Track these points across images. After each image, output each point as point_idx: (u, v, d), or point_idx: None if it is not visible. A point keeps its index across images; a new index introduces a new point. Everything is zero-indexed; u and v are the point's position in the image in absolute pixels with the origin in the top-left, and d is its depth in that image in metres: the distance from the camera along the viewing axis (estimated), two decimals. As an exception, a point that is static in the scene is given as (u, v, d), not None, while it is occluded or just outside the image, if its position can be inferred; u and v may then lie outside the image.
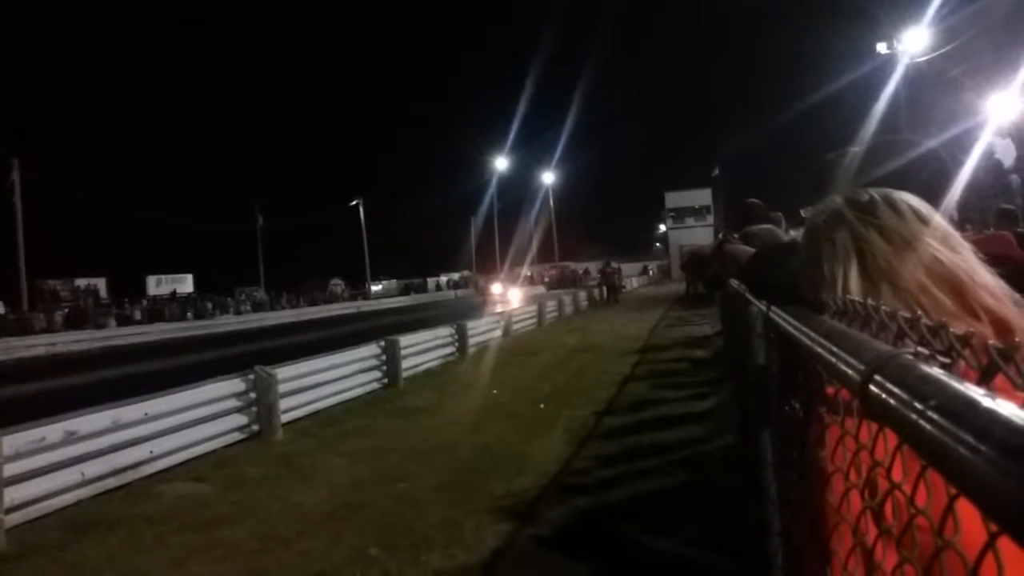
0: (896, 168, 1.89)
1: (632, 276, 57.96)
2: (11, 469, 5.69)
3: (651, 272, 74.77)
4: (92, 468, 6.45)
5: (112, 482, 6.62)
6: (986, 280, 1.09)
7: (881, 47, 29.23)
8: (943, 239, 1.14)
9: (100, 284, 49.94)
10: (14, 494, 5.69)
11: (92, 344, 29.91)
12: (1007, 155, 24.13)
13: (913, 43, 27.71)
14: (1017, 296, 1.08)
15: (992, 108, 23.36)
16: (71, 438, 6.28)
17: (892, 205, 1.20)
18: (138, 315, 42.44)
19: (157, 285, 53.19)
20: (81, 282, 48.53)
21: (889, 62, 28.52)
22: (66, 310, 39.81)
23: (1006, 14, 24.27)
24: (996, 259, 1.14)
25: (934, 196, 1.44)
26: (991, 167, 23.60)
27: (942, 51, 26.26)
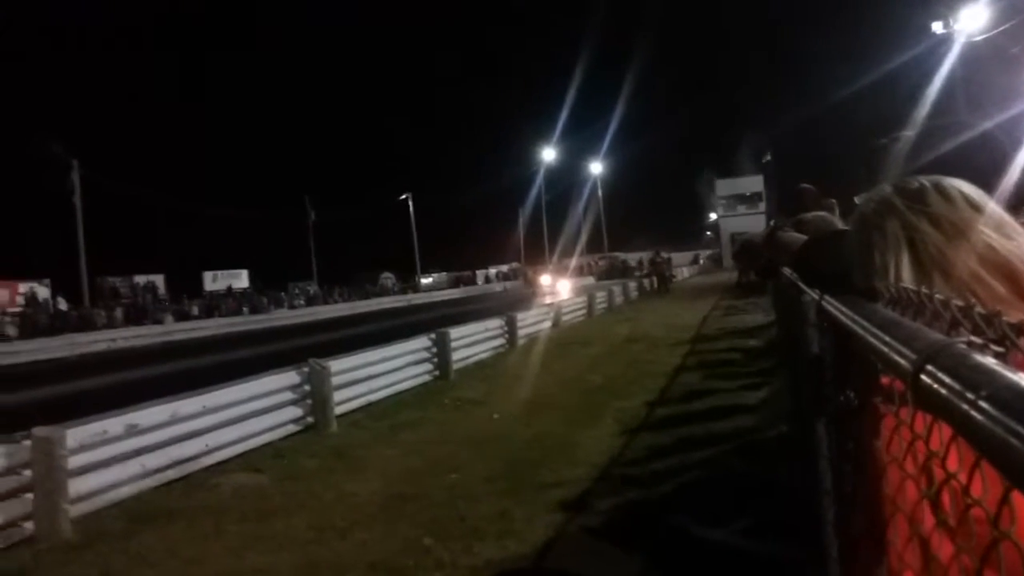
0: (949, 152, 1.85)
1: (683, 266, 57.37)
2: (75, 461, 5.86)
3: (701, 261, 73.99)
4: (152, 460, 6.61)
5: (172, 474, 6.78)
6: None
7: (936, 26, 28.49)
8: (997, 225, 1.11)
9: (158, 281, 51.05)
10: (79, 485, 5.86)
11: (151, 339, 30.53)
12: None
13: (970, 21, 26.94)
14: None
15: (1056, 86, 22.59)
16: (132, 431, 6.44)
17: (942, 192, 1.18)
18: (195, 310, 43.28)
19: (213, 281, 54.22)
20: (140, 279, 49.66)
21: (945, 41, 27.78)
22: (125, 306, 40.75)
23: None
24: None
25: (989, 179, 1.41)
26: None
27: (1001, 28, 25.48)
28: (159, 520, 5.89)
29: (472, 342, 13.83)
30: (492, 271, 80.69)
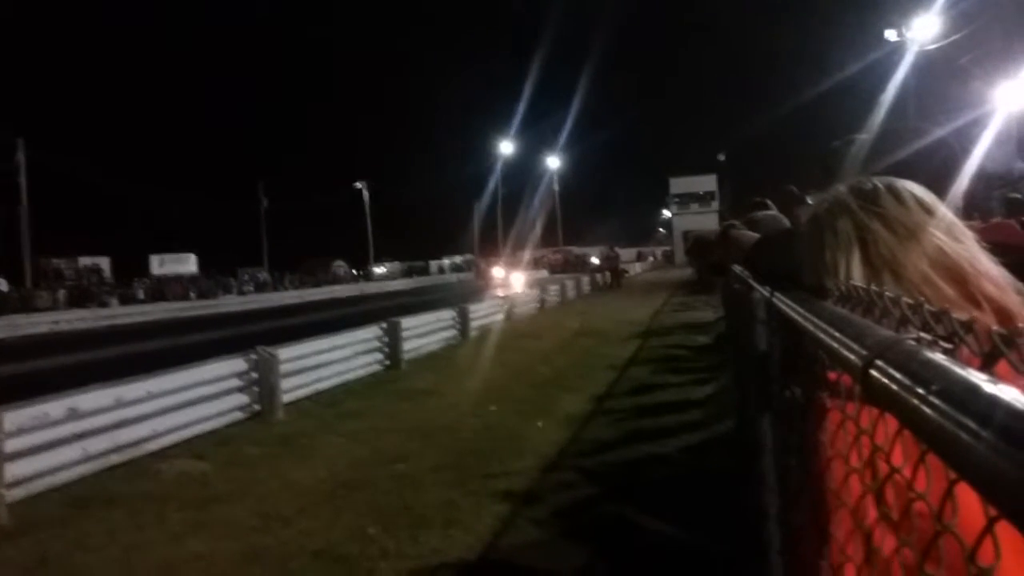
0: (905, 156, 1.88)
1: (626, 263, 57.51)
2: (13, 445, 5.70)
3: (651, 258, 74.58)
4: (94, 445, 6.46)
5: (114, 459, 6.63)
6: (988, 269, 1.09)
7: (890, 34, 29.06)
8: (947, 228, 1.13)
9: (104, 263, 49.98)
10: (16, 470, 5.70)
11: (95, 323, 29.86)
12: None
13: (922, 31, 27.53)
14: (1020, 285, 1.07)
15: (1000, 96, 23.16)
16: (73, 415, 6.29)
17: (896, 194, 1.19)
18: (141, 294, 42.46)
19: (160, 265, 53.23)
20: (85, 261, 48.58)
21: (898, 49, 28.34)
22: (69, 288, 39.85)
23: (1016, 1, 24.07)
24: (1000, 248, 1.14)
25: (942, 184, 1.44)
26: (999, 156, 23.41)
27: (951, 39, 26.07)
28: (99, 506, 5.76)
29: (424, 332, 13.77)
30: (445, 262, 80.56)
